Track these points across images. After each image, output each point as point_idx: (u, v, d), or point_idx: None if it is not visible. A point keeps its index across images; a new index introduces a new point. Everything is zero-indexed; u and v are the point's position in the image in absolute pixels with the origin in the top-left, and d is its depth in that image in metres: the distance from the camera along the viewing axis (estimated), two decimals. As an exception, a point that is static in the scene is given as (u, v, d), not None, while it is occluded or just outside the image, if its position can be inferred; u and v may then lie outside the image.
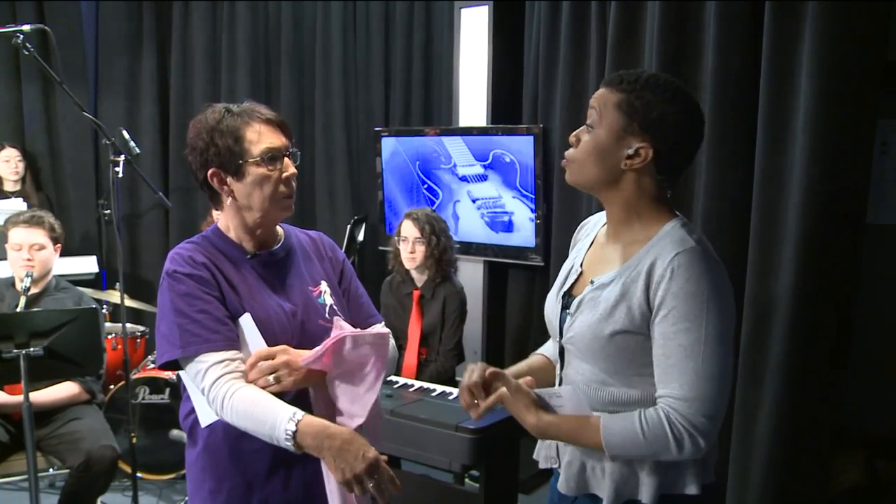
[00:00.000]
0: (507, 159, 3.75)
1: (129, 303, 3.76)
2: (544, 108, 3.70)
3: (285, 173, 1.67)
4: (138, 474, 3.32)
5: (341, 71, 4.64)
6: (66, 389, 3.07)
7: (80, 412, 3.08)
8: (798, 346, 2.49)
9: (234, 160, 1.63)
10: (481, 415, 1.56)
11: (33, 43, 3.18)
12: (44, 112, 4.89)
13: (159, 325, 1.65)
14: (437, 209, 3.90)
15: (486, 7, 3.86)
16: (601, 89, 1.52)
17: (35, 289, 3.12)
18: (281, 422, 1.51)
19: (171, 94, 4.99)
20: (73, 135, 4.90)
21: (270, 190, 1.65)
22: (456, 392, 2.75)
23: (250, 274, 1.70)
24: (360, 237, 4.41)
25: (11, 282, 3.20)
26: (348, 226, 4.35)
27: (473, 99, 3.96)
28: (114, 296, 3.88)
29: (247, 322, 1.64)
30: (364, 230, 4.45)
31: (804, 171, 2.46)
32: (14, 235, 3.13)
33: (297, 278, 1.75)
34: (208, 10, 4.89)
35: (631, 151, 1.47)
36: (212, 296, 1.62)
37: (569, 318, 1.57)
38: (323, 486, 1.60)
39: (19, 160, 4.57)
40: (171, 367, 1.64)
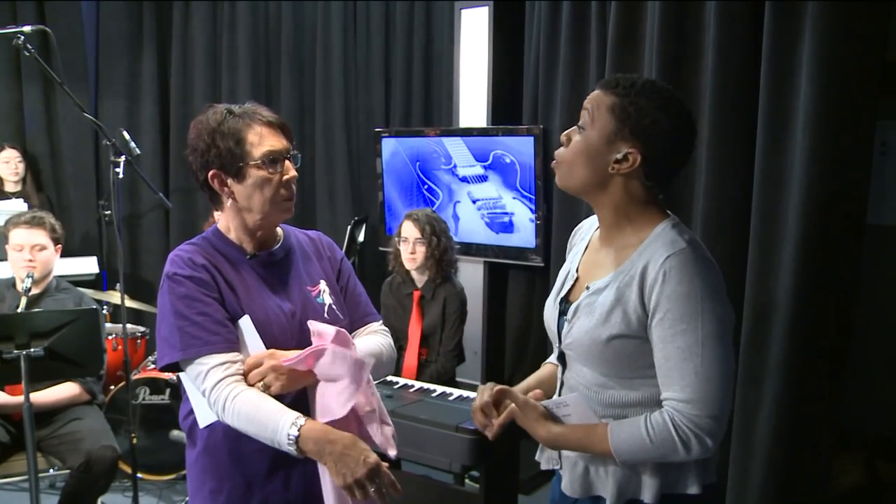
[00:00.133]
0: (508, 160, 3.75)
1: (129, 303, 3.77)
2: (544, 109, 3.71)
3: (286, 176, 1.67)
4: (139, 475, 3.32)
5: (342, 71, 4.64)
6: (66, 390, 3.07)
7: (80, 413, 3.08)
8: (798, 346, 2.49)
9: (235, 162, 1.63)
10: (496, 433, 1.61)
11: (34, 44, 3.19)
12: (44, 113, 4.90)
13: (159, 328, 1.66)
14: (438, 210, 3.90)
15: (487, 8, 3.86)
16: (596, 91, 1.52)
17: (36, 289, 3.13)
18: (283, 426, 1.51)
19: (172, 95, 5.00)
20: (74, 135, 4.90)
21: (271, 192, 1.65)
22: (456, 393, 2.76)
23: (249, 275, 1.70)
24: (361, 238, 4.41)
25: (12, 282, 3.21)
26: (349, 226, 4.35)
27: (474, 99, 3.96)
28: (114, 296, 3.88)
29: (245, 324, 1.64)
30: (364, 231, 4.46)
31: (804, 172, 2.46)
32: (15, 236, 3.14)
33: (296, 278, 1.76)
34: (209, 11, 4.89)
35: (619, 156, 1.47)
36: (211, 298, 1.63)
37: (566, 324, 1.58)
38: (323, 487, 1.61)
39: (19, 161, 4.58)
40: (172, 369, 1.65)
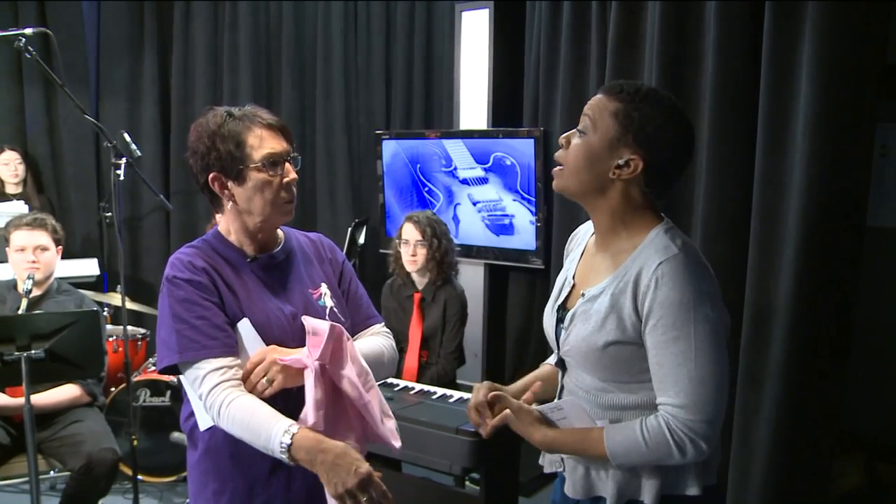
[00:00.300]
0: (508, 162, 3.75)
1: (130, 305, 3.77)
2: (545, 111, 3.71)
3: (286, 179, 1.67)
4: (139, 477, 3.33)
5: (342, 73, 4.64)
6: (67, 392, 3.07)
7: (81, 415, 3.08)
8: (798, 348, 2.49)
9: (236, 165, 1.63)
10: (489, 433, 1.61)
11: (35, 46, 3.19)
12: (45, 115, 4.91)
13: (159, 331, 1.66)
14: (438, 212, 3.90)
15: (487, 9, 3.86)
16: (599, 96, 1.53)
17: (37, 291, 3.13)
18: (276, 434, 1.51)
19: (173, 97, 5.00)
20: (75, 137, 4.91)
21: (271, 195, 1.65)
22: (457, 395, 2.76)
23: (250, 277, 1.70)
24: (361, 240, 4.41)
25: (13, 284, 3.21)
26: (349, 228, 4.35)
27: (474, 101, 3.96)
28: (115, 298, 3.88)
29: (245, 327, 1.64)
30: (365, 233, 4.46)
31: (804, 173, 2.46)
32: (17, 238, 3.14)
33: (297, 281, 1.76)
34: (209, 13, 4.89)
35: (621, 162, 1.48)
36: (211, 301, 1.63)
37: (563, 331, 1.59)
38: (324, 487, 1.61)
39: (19, 163, 4.57)
40: (171, 371, 1.65)
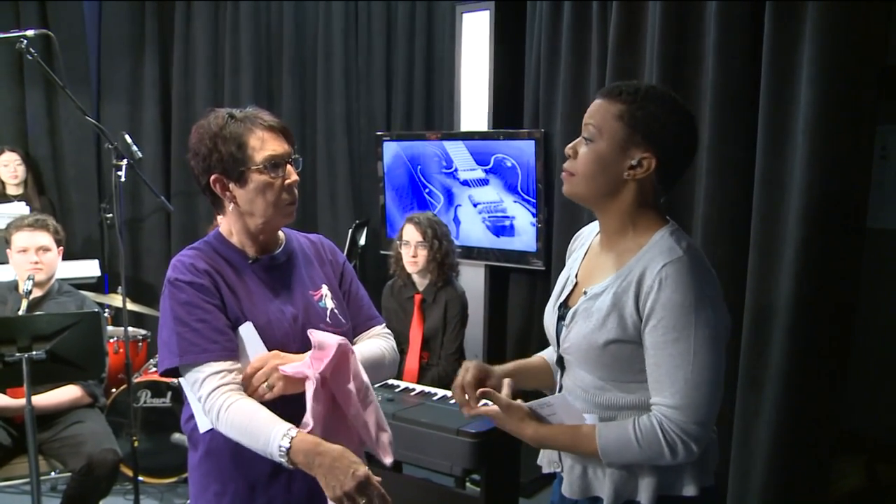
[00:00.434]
0: (509, 164, 3.76)
1: (130, 306, 3.77)
2: (545, 112, 3.71)
3: (288, 180, 1.67)
4: (140, 478, 3.33)
5: (343, 75, 4.65)
6: (68, 393, 3.07)
7: (82, 416, 3.09)
8: (798, 349, 2.50)
9: (237, 167, 1.64)
10: (471, 415, 1.62)
11: (36, 47, 3.20)
12: (47, 116, 4.91)
13: (161, 333, 1.66)
14: (438, 213, 3.90)
15: (488, 10, 3.87)
16: (598, 101, 1.54)
17: (38, 292, 3.14)
18: (275, 438, 1.52)
19: (174, 98, 5.00)
20: (76, 139, 4.91)
21: (273, 197, 1.66)
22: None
23: (252, 279, 1.71)
24: (362, 241, 4.42)
25: (14, 285, 3.21)
26: (350, 230, 4.36)
27: (475, 103, 3.96)
28: (116, 299, 3.88)
29: (248, 330, 1.64)
30: (365, 234, 4.46)
31: (804, 175, 2.46)
32: (19, 239, 3.15)
33: (298, 283, 1.76)
34: (210, 14, 4.90)
35: (634, 162, 1.49)
36: (212, 304, 1.63)
37: (564, 328, 1.60)
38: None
39: (18, 164, 4.57)
40: (172, 374, 1.65)
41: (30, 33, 3.11)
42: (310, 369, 1.60)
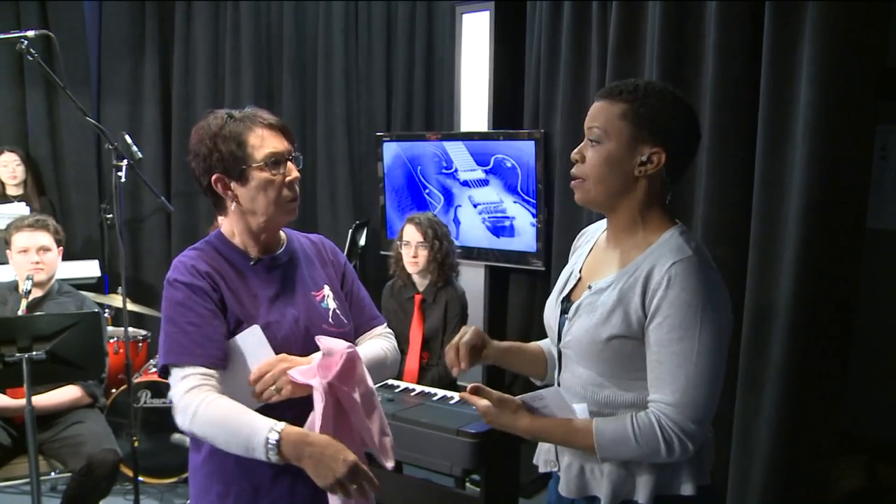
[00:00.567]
0: (509, 164, 3.76)
1: (131, 307, 3.77)
2: (545, 113, 3.71)
3: (288, 177, 1.68)
4: (140, 478, 3.33)
5: (343, 75, 4.65)
6: (68, 393, 3.08)
7: (82, 416, 3.09)
8: (798, 349, 2.50)
9: (238, 165, 1.64)
10: (458, 374, 1.67)
11: (37, 48, 3.20)
12: (47, 116, 4.91)
13: (160, 332, 1.67)
14: (438, 214, 3.90)
15: (488, 11, 3.87)
16: (599, 103, 1.54)
17: (38, 292, 3.14)
18: (260, 432, 1.51)
19: (174, 99, 5.00)
20: (76, 139, 4.91)
21: (274, 194, 1.66)
22: (457, 396, 2.75)
23: (253, 280, 1.71)
24: (362, 242, 4.42)
25: (14, 286, 3.21)
26: (350, 230, 4.36)
27: (475, 103, 3.97)
28: (116, 300, 3.88)
29: (256, 333, 1.64)
30: (365, 235, 4.46)
31: (804, 175, 2.46)
32: (19, 240, 3.15)
33: (300, 283, 1.76)
34: (210, 14, 4.90)
35: (644, 158, 1.50)
36: (206, 309, 1.63)
37: (567, 322, 1.60)
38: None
39: (17, 164, 4.57)
40: (163, 374, 1.66)
41: (30, 34, 3.11)
42: (316, 377, 1.59)
